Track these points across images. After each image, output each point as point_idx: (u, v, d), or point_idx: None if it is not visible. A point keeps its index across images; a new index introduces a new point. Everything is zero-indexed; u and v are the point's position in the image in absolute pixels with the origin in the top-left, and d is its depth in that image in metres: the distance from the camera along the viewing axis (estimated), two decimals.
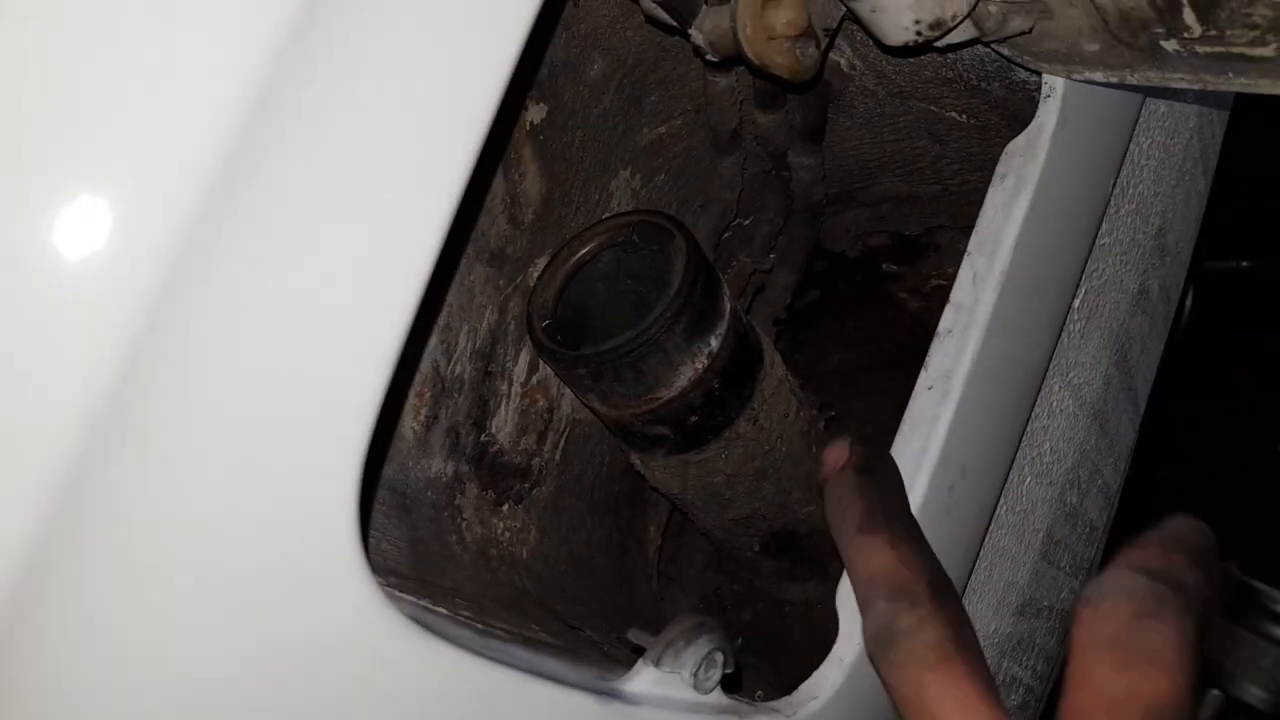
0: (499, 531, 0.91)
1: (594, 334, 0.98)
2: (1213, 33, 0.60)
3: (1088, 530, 1.09)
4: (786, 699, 0.65)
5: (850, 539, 0.57)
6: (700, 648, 0.58)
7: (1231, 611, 0.44)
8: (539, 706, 0.49)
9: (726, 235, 1.13)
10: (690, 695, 0.59)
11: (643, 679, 0.57)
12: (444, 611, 0.60)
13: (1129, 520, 1.28)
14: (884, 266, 1.25)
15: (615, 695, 0.55)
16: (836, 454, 0.60)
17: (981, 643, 0.94)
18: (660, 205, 1.07)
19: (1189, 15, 0.59)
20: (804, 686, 0.66)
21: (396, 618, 0.44)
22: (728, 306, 0.88)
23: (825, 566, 1.18)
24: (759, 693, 0.75)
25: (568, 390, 0.99)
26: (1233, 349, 2.13)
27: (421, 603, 0.61)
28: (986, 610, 0.90)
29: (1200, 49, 0.61)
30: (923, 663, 0.49)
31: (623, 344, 0.82)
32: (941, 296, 1.33)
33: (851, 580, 0.57)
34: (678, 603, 1.26)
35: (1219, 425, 2.08)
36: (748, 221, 1.14)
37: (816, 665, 1.09)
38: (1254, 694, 0.42)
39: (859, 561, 0.56)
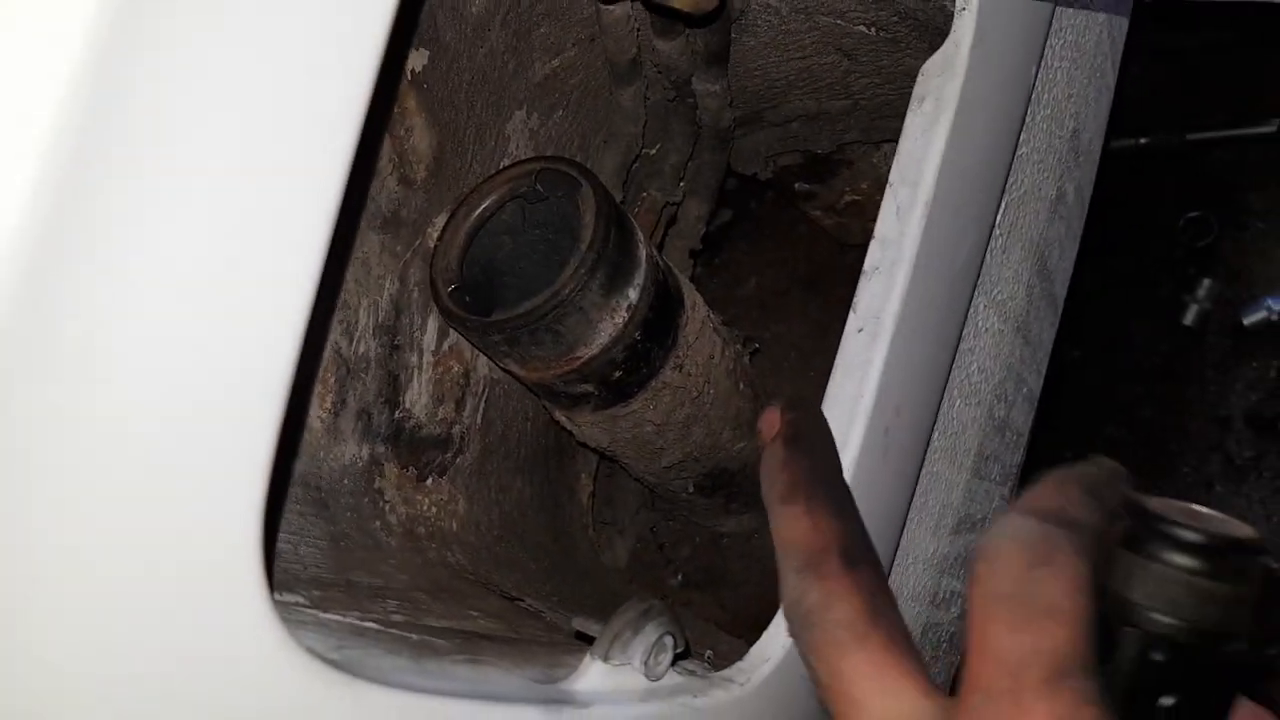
0: (425, 508, 0.87)
1: (506, 292, 0.92)
2: None
3: (1015, 438, 1.09)
4: (738, 665, 0.64)
5: (772, 511, 0.54)
6: (648, 635, 0.56)
7: (1134, 542, 0.42)
8: None
9: (634, 167, 1.08)
10: (641, 683, 0.56)
11: (591, 675, 0.54)
12: (374, 624, 0.57)
13: (1041, 413, 1.30)
14: (796, 186, 1.22)
15: (564, 700, 0.52)
16: (769, 421, 0.57)
17: (921, 566, 0.94)
18: (561, 143, 1.01)
19: None
20: (754, 650, 0.65)
21: (306, 662, 0.40)
22: (643, 254, 0.84)
23: (759, 498, 1.17)
24: (708, 652, 0.74)
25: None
26: (1133, 224, 2.17)
27: (349, 617, 0.57)
28: (925, 535, 0.90)
29: None
30: (837, 644, 0.47)
31: (537, 306, 0.78)
32: (856, 212, 1.30)
33: (775, 548, 0.54)
34: (615, 546, 1.25)
35: (1124, 303, 2.13)
36: (654, 151, 1.09)
37: (757, 595, 1.09)
38: (1167, 624, 0.41)
39: (777, 533, 0.53)
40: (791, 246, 1.35)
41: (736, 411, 1.01)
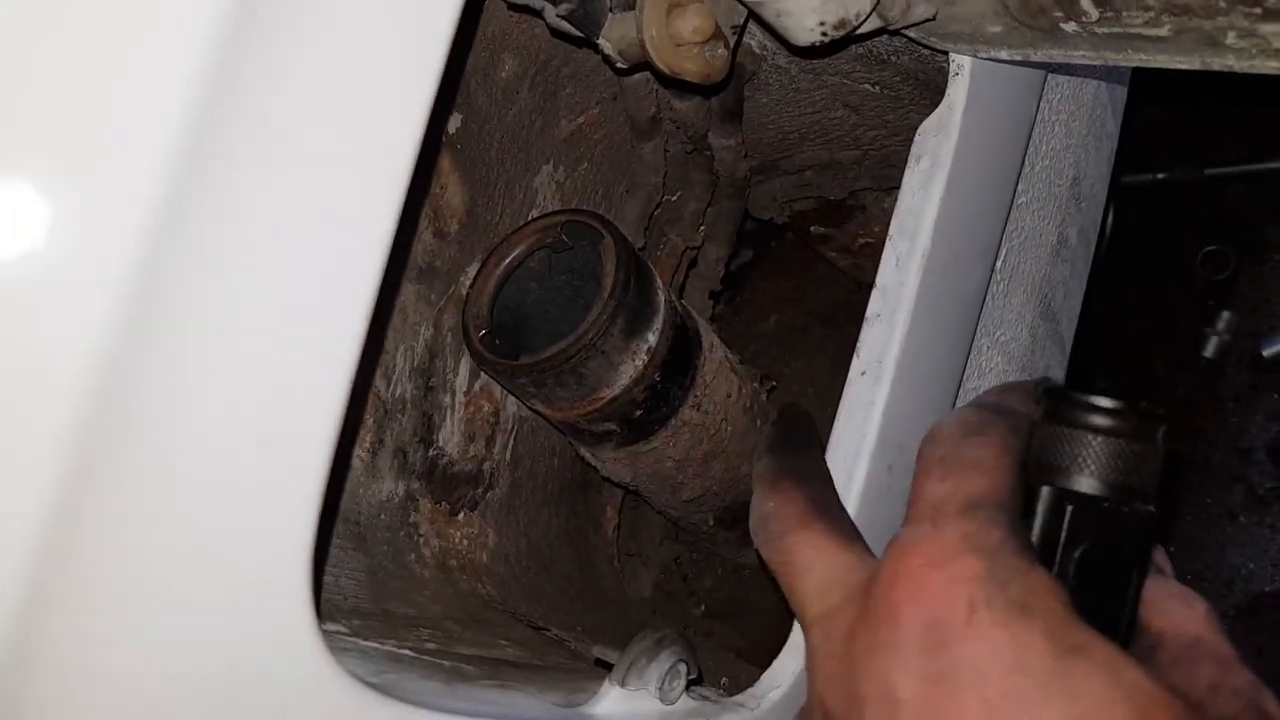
0: (457, 540, 0.92)
1: (533, 334, 0.98)
2: (1109, 14, 0.61)
3: None
4: (750, 691, 0.68)
5: (753, 470, 0.62)
6: (663, 663, 0.60)
7: (1054, 414, 0.47)
8: None
9: (656, 213, 1.13)
10: (657, 707, 0.61)
11: (610, 700, 0.59)
12: (409, 652, 0.61)
13: None
14: (812, 229, 1.26)
15: None
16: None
17: None
18: (586, 194, 1.07)
19: (1085, 2, 0.60)
20: (765, 677, 0.69)
21: (350, 685, 0.45)
22: (662, 299, 0.89)
23: None
24: (724, 680, 0.78)
25: None
26: (1153, 258, 2.19)
27: (386, 645, 0.61)
28: None
29: (1099, 30, 0.63)
30: (788, 531, 0.53)
31: (561, 350, 0.83)
32: (870, 253, 1.35)
33: None
34: (639, 576, 1.29)
35: (1145, 335, 2.15)
36: (674, 198, 1.14)
37: (776, 625, 1.12)
38: (1086, 483, 0.46)
39: (752, 479, 0.60)
40: (810, 285, 1.40)
41: (754, 447, 1.05)
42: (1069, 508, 0.45)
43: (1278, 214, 2.11)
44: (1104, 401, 0.46)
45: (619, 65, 0.71)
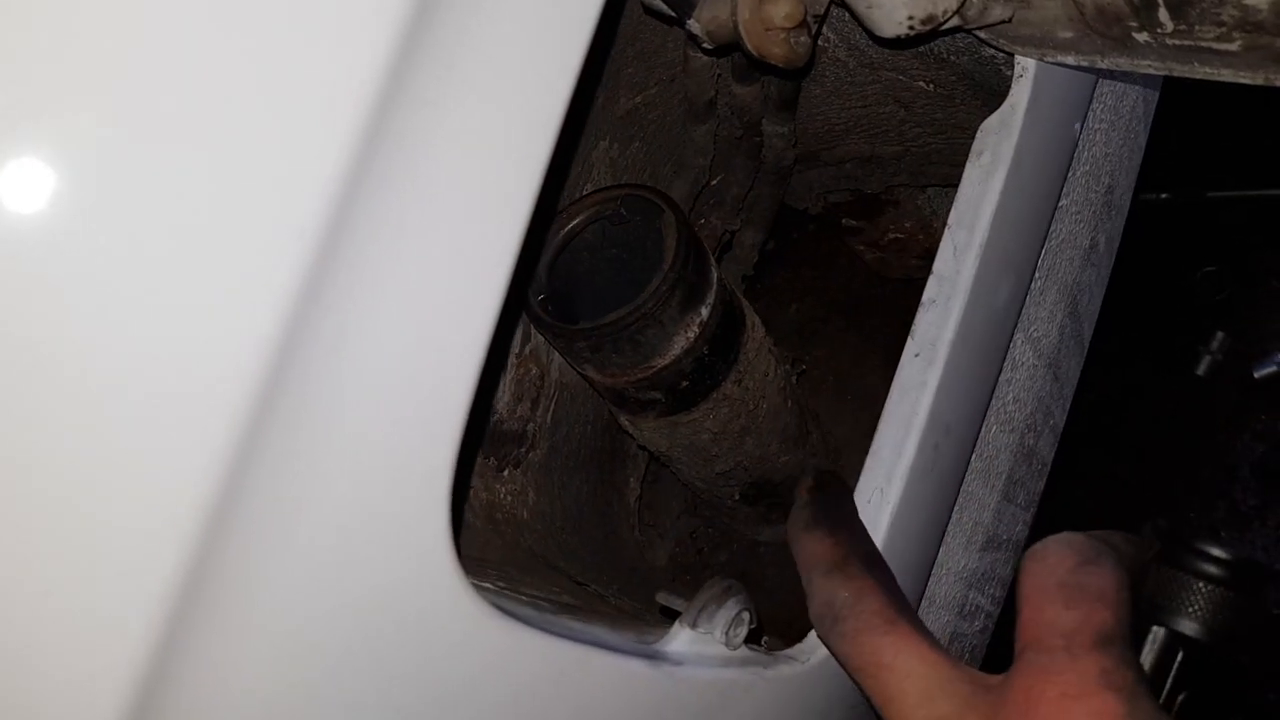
0: (501, 496, 0.95)
1: (581, 303, 1.01)
2: (1183, 28, 0.65)
3: (1040, 467, 1.17)
4: (799, 646, 0.72)
5: (796, 540, 0.62)
6: (730, 609, 0.64)
7: (1168, 557, 0.50)
8: (603, 675, 0.54)
9: (699, 195, 1.17)
10: (720, 651, 0.64)
11: (680, 640, 0.62)
12: (489, 586, 0.65)
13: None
14: (843, 221, 1.30)
15: (660, 657, 0.60)
16: (800, 488, 0.67)
17: (952, 578, 1.02)
18: (634, 171, 1.10)
19: (1163, 13, 0.64)
20: (813, 634, 0.72)
21: (490, 611, 0.48)
22: (715, 276, 0.92)
23: None
24: (764, 639, 0.81)
25: (556, 356, 1.03)
26: (1152, 275, 2.25)
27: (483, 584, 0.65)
28: (958, 548, 0.98)
29: (1170, 41, 0.67)
30: (873, 629, 0.53)
31: (622, 317, 0.86)
32: (898, 248, 1.39)
33: (800, 572, 0.62)
34: (656, 547, 1.32)
35: (1139, 350, 2.21)
36: (715, 182, 1.18)
37: (789, 600, 1.16)
38: (1190, 627, 0.49)
39: (800, 554, 0.61)
40: (830, 276, 1.44)
41: (784, 426, 1.09)
42: (1180, 653, 0.48)
43: (1276, 239, 2.17)
44: (1220, 552, 0.49)
45: (705, 45, 0.74)
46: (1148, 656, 0.48)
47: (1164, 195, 2.28)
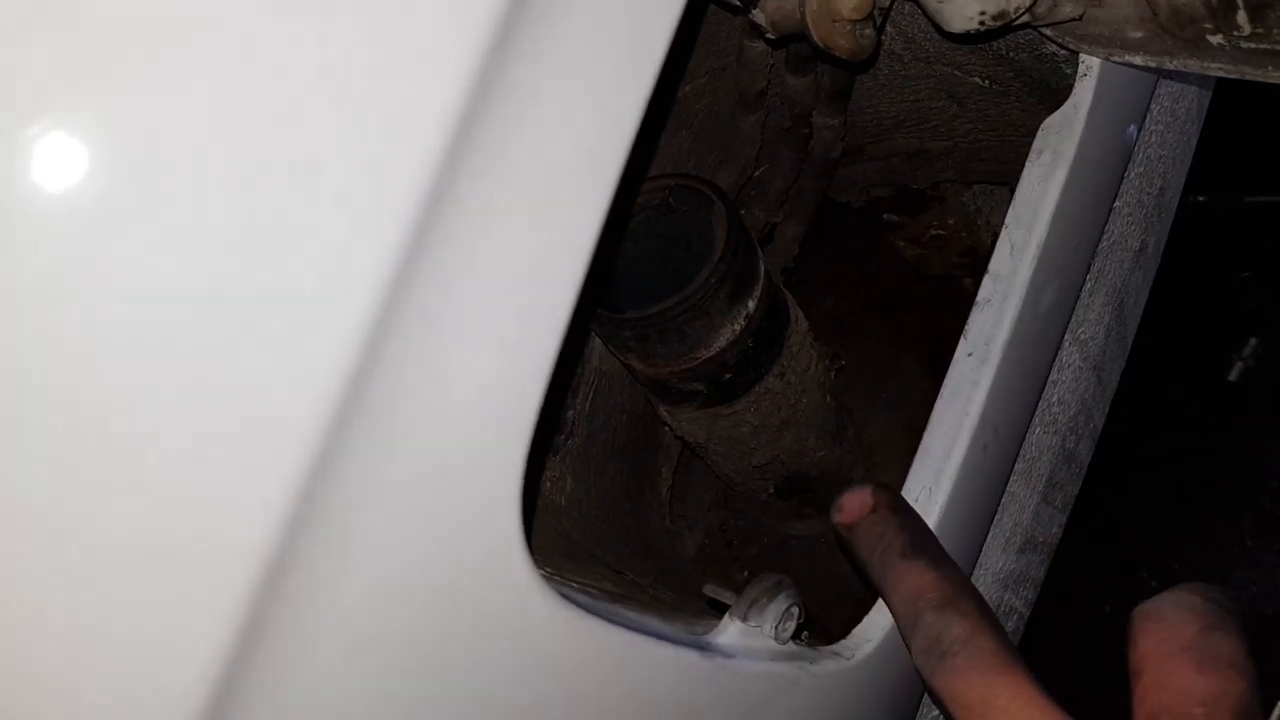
0: (541, 482, 0.95)
1: (622, 292, 1.01)
2: (1260, 31, 0.64)
3: (1078, 470, 1.17)
4: (844, 642, 0.71)
5: (893, 565, 0.60)
6: (780, 603, 0.63)
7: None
8: (660, 665, 0.54)
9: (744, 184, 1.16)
10: (769, 645, 0.64)
11: (730, 632, 0.62)
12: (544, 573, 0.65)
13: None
14: (885, 216, 1.29)
15: (711, 649, 0.60)
16: (858, 500, 0.65)
17: (990, 578, 1.02)
18: (680, 160, 1.09)
19: (1242, 16, 0.63)
20: (857, 630, 0.72)
21: (558, 600, 0.48)
22: (762, 270, 0.92)
23: (830, 505, 1.25)
24: (805, 634, 0.81)
25: (597, 343, 1.02)
26: (1186, 279, 2.23)
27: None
28: (997, 549, 0.97)
29: (1245, 44, 0.66)
30: (989, 668, 0.51)
31: (670, 308, 0.86)
32: (939, 245, 1.38)
33: (893, 602, 0.60)
34: (685, 538, 1.32)
35: (1170, 353, 2.19)
36: (760, 173, 1.17)
37: (820, 594, 1.16)
38: None
39: (902, 584, 0.59)
40: (869, 271, 1.43)
41: (822, 421, 1.09)
42: None
43: None
44: None
45: (768, 35, 0.74)
46: None
47: (1201, 198, 2.26)
